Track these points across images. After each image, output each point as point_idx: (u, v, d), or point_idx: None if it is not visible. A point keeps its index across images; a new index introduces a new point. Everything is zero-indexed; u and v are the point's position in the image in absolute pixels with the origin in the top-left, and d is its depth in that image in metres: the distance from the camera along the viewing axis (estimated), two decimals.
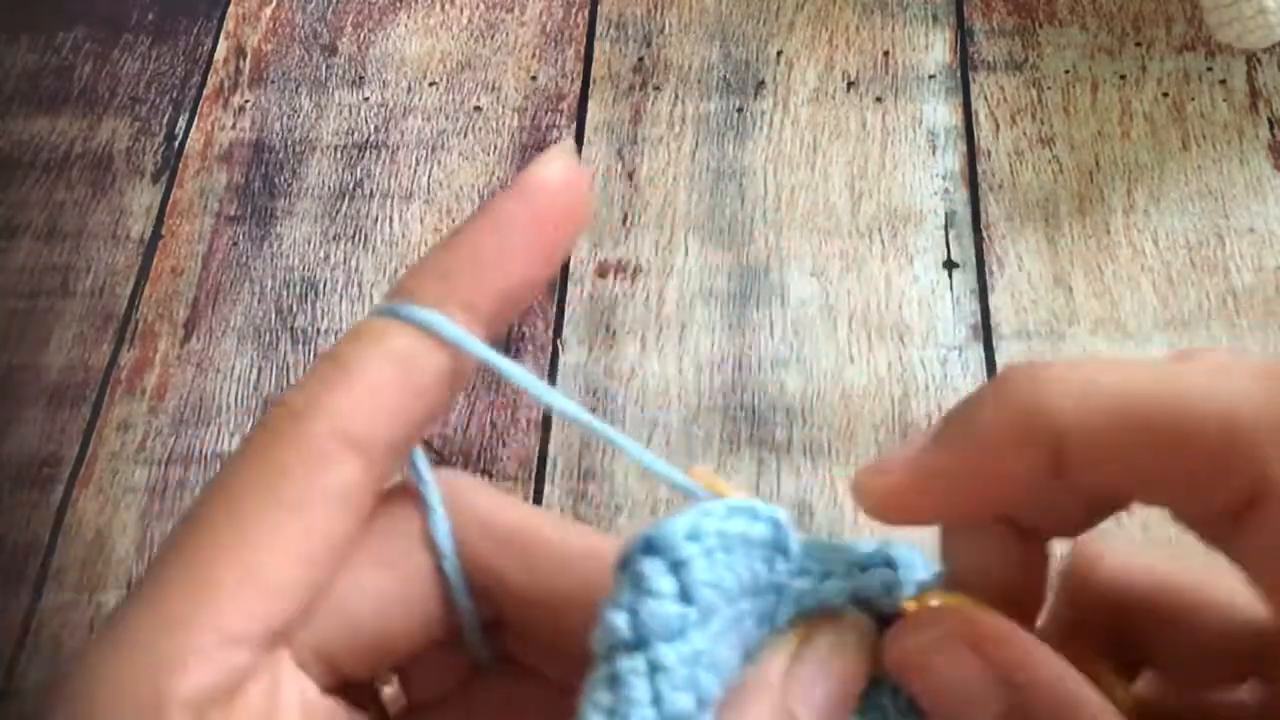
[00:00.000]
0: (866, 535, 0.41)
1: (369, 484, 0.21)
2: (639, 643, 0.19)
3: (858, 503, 0.22)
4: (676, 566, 0.20)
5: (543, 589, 0.23)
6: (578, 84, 0.65)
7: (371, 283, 0.59)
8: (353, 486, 0.21)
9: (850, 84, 0.64)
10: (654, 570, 0.20)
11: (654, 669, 0.19)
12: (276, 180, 0.63)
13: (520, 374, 0.22)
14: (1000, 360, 0.55)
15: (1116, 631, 0.23)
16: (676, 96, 0.64)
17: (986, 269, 0.57)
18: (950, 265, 0.58)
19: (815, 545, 0.22)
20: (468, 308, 0.22)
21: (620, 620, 0.19)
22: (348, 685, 0.23)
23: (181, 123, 0.65)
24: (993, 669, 0.20)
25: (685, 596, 0.19)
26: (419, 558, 0.23)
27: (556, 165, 0.22)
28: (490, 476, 0.54)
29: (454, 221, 0.61)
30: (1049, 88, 0.63)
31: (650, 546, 0.20)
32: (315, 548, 0.20)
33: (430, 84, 0.66)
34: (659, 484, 0.52)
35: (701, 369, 0.56)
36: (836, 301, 0.57)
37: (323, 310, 0.59)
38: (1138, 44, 0.64)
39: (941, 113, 0.62)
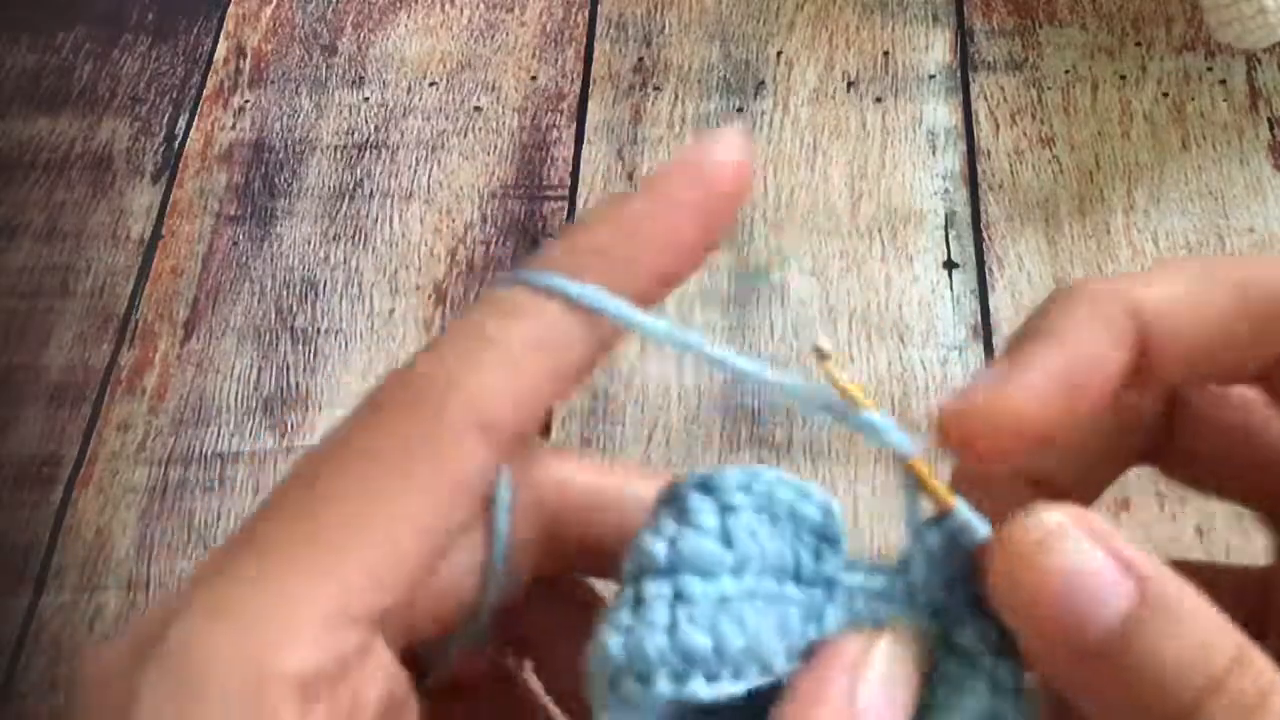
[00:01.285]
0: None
1: (494, 471, 0.20)
2: (669, 569, 0.19)
3: (945, 444, 0.21)
4: (724, 509, 0.20)
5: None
6: (578, 84, 0.65)
7: (371, 283, 0.59)
8: (481, 475, 0.20)
9: (850, 84, 0.64)
10: (701, 506, 0.20)
11: (678, 597, 0.19)
12: (276, 180, 0.63)
13: (681, 336, 0.21)
14: None
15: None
16: (676, 96, 0.64)
17: (986, 269, 0.57)
18: (950, 265, 0.58)
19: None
20: (625, 288, 0.20)
21: (658, 546, 0.19)
22: (410, 652, 0.22)
23: (181, 123, 0.65)
24: (1117, 560, 0.19)
25: (726, 539, 0.19)
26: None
27: (730, 144, 0.21)
28: None
29: (454, 222, 0.61)
30: (1049, 88, 0.63)
31: (704, 485, 0.20)
32: (438, 535, 0.19)
33: (430, 84, 0.66)
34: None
35: (701, 369, 0.56)
36: (836, 301, 0.57)
37: (323, 310, 0.59)
38: (1138, 44, 0.64)
39: (941, 113, 0.62)
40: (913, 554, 0.21)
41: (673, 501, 0.20)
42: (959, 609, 0.20)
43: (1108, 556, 0.19)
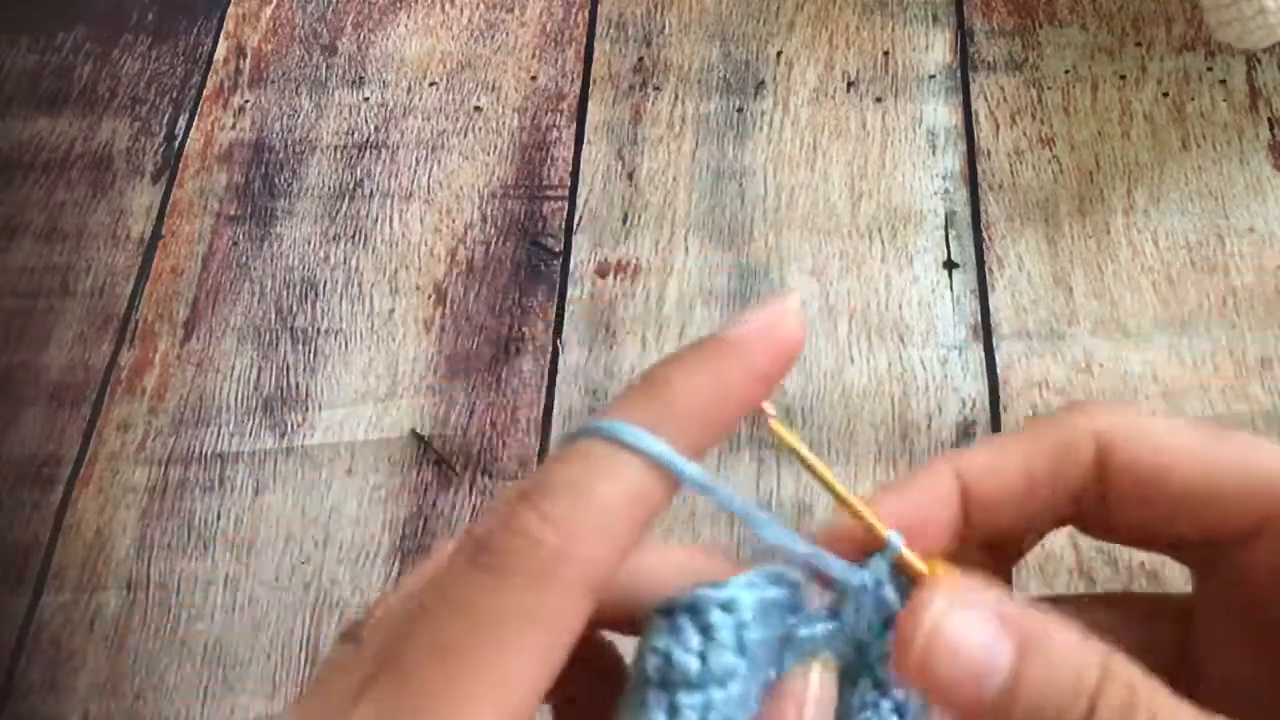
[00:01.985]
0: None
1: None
2: (663, 683, 0.22)
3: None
4: (704, 629, 0.23)
5: None
6: (578, 84, 0.65)
7: (371, 283, 0.59)
8: (583, 625, 0.22)
9: (850, 84, 0.64)
10: (686, 627, 0.23)
11: (672, 709, 0.22)
12: (276, 180, 0.63)
13: (739, 503, 0.23)
14: (1000, 360, 0.55)
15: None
16: (676, 96, 0.64)
17: (986, 269, 0.57)
18: (950, 265, 0.58)
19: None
20: (689, 441, 0.22)
21: (654, 663, 0.22)
22: None
23: (181, 123, 0.65)
24: (996, 623, 0.21)
25: (704, 658, 0.22)
26: None
27: (795, 309, 0.23)
28: (490, 476, 0.54)
29: (454, 222, 0.61)
30: (1049, 88, 0.63)
31: (691, 608, 0.23)
32: (546, 679, 0.21)
33: (430, 84, 0.66)
34: None
35: None
36: (836, 301, 0.57)
37: (323, 310, 0.59)
38: (1138, 44, 0.64)
39: (941, 113, 0.62)
40: (849, 606, 0.25)
41: (667, 614, 0.23)
42: (879, 648, 0.24)
43: (986, 624, 0.21)
